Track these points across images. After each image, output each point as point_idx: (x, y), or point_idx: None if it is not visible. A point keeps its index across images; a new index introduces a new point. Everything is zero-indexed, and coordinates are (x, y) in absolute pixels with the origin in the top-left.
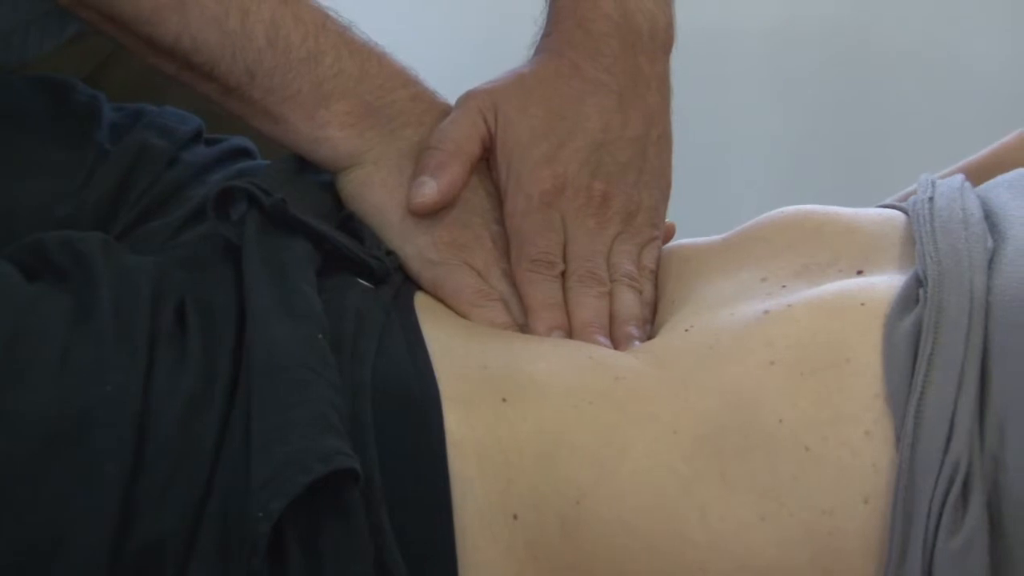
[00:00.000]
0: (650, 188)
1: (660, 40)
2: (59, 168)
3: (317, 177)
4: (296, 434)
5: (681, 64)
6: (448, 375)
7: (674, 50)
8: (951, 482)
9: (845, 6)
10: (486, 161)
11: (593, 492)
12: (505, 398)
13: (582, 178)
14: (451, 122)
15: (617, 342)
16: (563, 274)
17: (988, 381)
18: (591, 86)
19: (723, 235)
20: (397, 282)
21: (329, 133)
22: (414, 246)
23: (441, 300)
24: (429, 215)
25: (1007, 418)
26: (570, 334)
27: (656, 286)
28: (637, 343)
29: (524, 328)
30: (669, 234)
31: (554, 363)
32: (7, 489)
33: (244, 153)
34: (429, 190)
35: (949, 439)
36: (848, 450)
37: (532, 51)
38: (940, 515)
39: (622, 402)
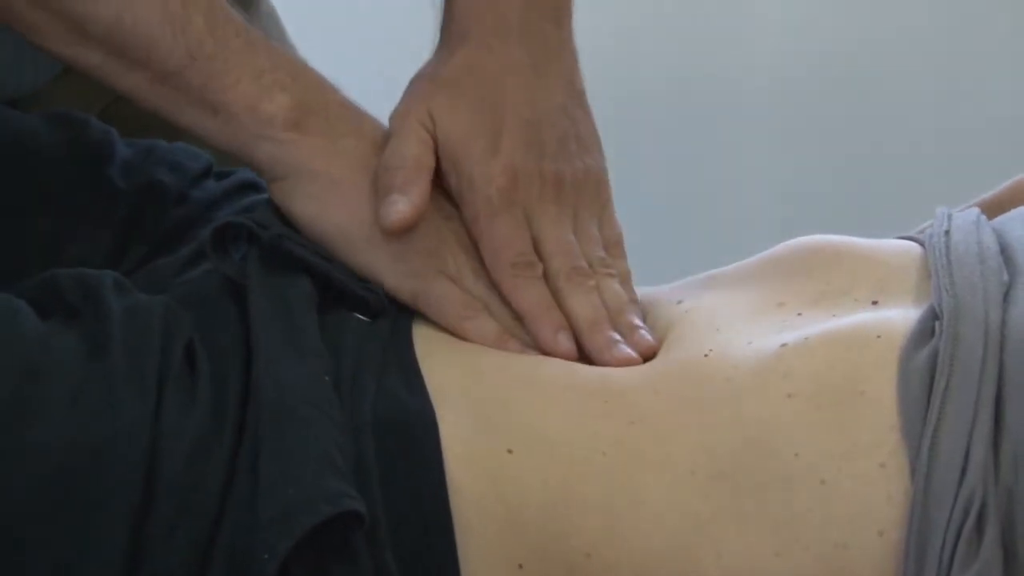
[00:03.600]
0: (590, 151)
1: (563, 2)
2: (71, 205)
3: None
4: (302, 475)
5: (693, 101)
6: (449, 418)
7: (687, 90)
8: (965, 515)
9: (855, 44)
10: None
11: (605, 543)
12: (511, 449)
13: (529, 163)
14: (400, 141)
15: (624, 336)
16: (544, 273)
17: (1003, 414)
18: (504, 64)
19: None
20: (392, 315)
21: (273, 132)
22: (384, 262)
23: (425, 314)
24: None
25: (1022, 451)
26: (575, 334)
27: (625, 254)
28: (644, 332)
29: (513, 330)
30: None
31: (564, 411)
32: (18, 523)
33: (252, 187)
34: (403, 206)
35: (964, 472)
36: (863, 483)
37: (437, 37)
38: (954, 548)
39: (637, 448)
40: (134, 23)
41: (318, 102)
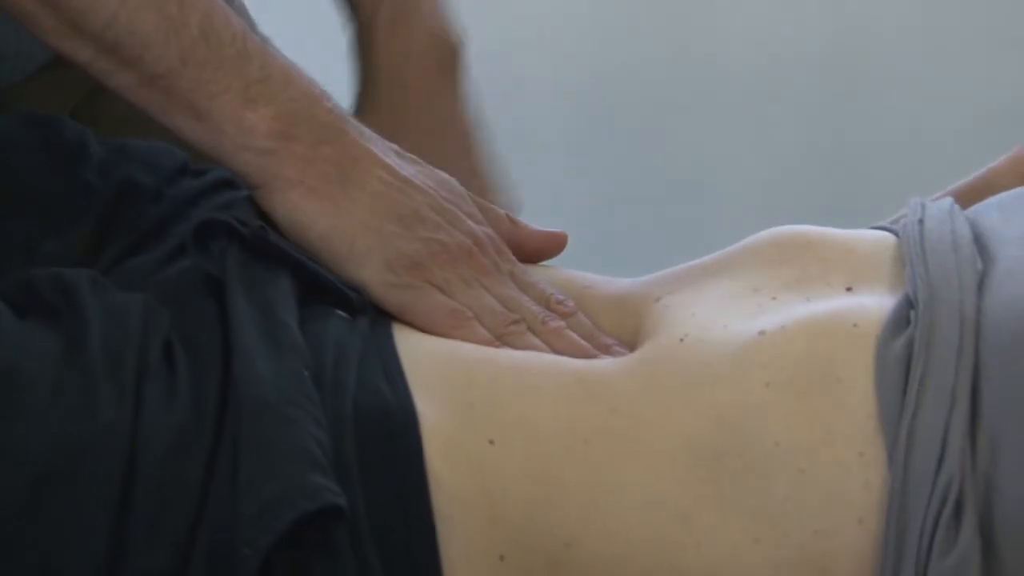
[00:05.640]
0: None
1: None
2: (46, 204)
3: None
4: (283, 471)
5: (676, 89)
6: (430, 410)
7: (668, 76)
8: (943, 502)
9: (839, 33)
10: (420, 163)
11: (585, 533)
12: (492, 440)
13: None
14: None
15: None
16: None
17: (979, 401)
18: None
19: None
20: (373, 312)
21: (254, 141)
22: (370, 272)
23: (413, 325)
24: (377, 238)
25: (999, 438)
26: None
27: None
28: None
29: (504, 338)
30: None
31: (545, 401)
32: (0, 520)
33: (228, 184)
34: None
35: (941, 459)
36: (841, 471)
37: None
38: (933, 535)
39: (618, 436)
40: (129, 22)
41: (304, 112)
